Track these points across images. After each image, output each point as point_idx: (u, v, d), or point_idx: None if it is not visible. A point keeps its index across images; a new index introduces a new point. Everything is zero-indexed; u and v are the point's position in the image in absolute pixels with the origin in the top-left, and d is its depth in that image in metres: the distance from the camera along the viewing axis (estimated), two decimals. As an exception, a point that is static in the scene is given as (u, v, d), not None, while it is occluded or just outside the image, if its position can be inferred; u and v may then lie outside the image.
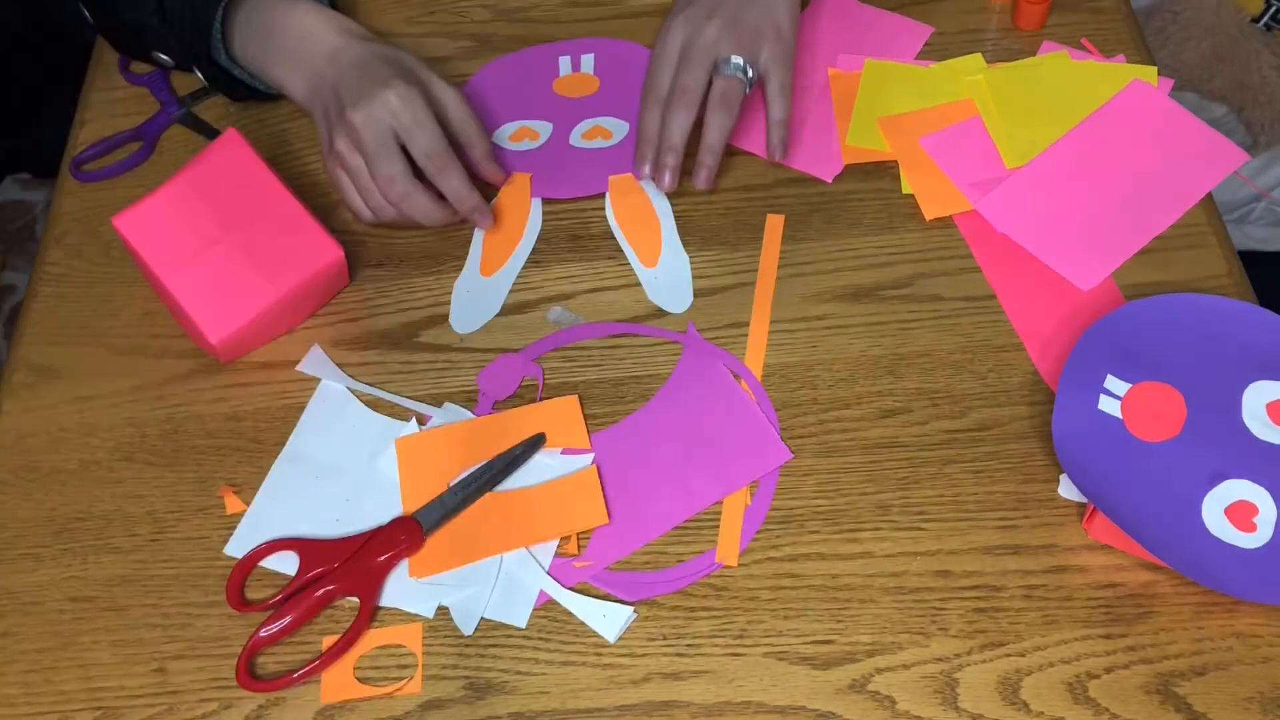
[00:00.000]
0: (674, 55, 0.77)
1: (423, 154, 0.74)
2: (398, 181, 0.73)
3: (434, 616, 0.64)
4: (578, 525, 0.66)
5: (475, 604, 0.64)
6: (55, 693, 0.64)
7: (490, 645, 0.63)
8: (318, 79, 0.76)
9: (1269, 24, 1.53)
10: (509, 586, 0.65)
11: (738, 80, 0.76)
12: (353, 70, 0.74)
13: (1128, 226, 0.76)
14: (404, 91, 0.72)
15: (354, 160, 0.74)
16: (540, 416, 0.70)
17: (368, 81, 0.73)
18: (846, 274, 0.76)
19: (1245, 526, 0.61)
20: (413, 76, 0.75)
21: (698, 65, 0.76)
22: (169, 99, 0.89)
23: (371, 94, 0.72)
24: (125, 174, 0.86)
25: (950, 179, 0.79)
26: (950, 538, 0.65)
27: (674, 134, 0.76)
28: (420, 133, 0.73)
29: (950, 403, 0.70)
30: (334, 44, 0.76)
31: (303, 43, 0.76)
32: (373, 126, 0.72)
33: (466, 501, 0.67)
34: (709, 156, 0.76)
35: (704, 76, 0.76)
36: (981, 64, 0.84)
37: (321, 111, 0.76)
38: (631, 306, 0.76)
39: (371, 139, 0.72)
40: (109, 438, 0.73)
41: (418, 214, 0.75)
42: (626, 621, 0.63)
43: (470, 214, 0.77)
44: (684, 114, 0.76)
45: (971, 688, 0.60)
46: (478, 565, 0.65)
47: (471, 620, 0.64)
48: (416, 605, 0.65)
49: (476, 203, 0.76)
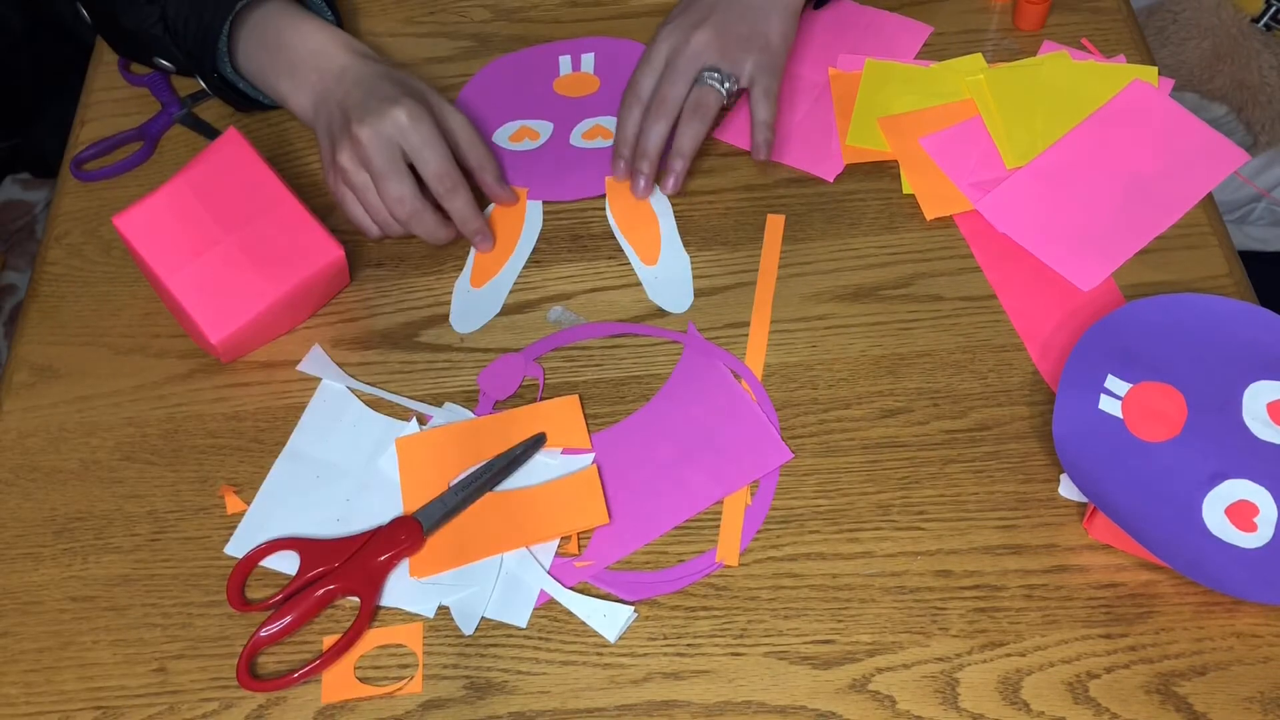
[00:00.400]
0: (660, 62, 0.78)
1: (433, 175, 0.74)
2: (406, 201, 0.73)
3: (435, 616, 0.64)
4: (578, 525, 0.66)
5: (476, 604, 0.64)
6: (55, 692, 0.64)
7: (491, 645, 0.63)
8: (324, 94, 0.76)
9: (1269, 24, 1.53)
10: (509, 586, 0.65)
11: (715, 90, 0.77)
12: (360, 88, 0.74)
13: (1128, 226, 0.76)
14: (413, 110, 0.72)
15: (359, 177, 0.74)
16: (541, 416, 0.70)
17: (375, 99, 0.73)
18: (847, 274, 0.76)
19: (1246, 526, 0.61)
20: (421, 97, 0.75)
21: (681, 75, 0.77)
22: (170, 99, 0.89)
23: (380, 110, 0.72)
24: (126, 174, 0.86)
25: (951, 179, 0.79)
26: (951, 537, 0.65)
27: (649, 142, 0.77)
28: (430, 153, 0.73)
29: (951, 403, 0.70)
30: (342, 62, 0.76)
31: (311, 59, 0.76)
32: (380, 143, 0.72)
33: (467, 501, 0.67)
34: (678, 162, 0.78)
35: (685, 88, 0.77)
36: (982, 64, 0.84)
37: (325, 126, 0.76)
38: (632, 306, 0.76)
39: (379, 156, 0.72)
40: (109, 438, 0.73)
41: (423, 232, 0.75)
42: (627, 621, 0.63)
43: (473, 235, 0.77)
44: (662, 123, 0.77)
45: (972, 687, 0.60)
46: (478, 565, 0.65)
47: (472, 620, 0.64)
48: (417, 605, 0.65)
49: (480, 225, 0.77)
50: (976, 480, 0.67)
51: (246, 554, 0.66)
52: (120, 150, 0.87)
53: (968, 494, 0.67)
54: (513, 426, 0.70)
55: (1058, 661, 0.61)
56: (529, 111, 0.86)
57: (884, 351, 0.72)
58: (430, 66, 0.90)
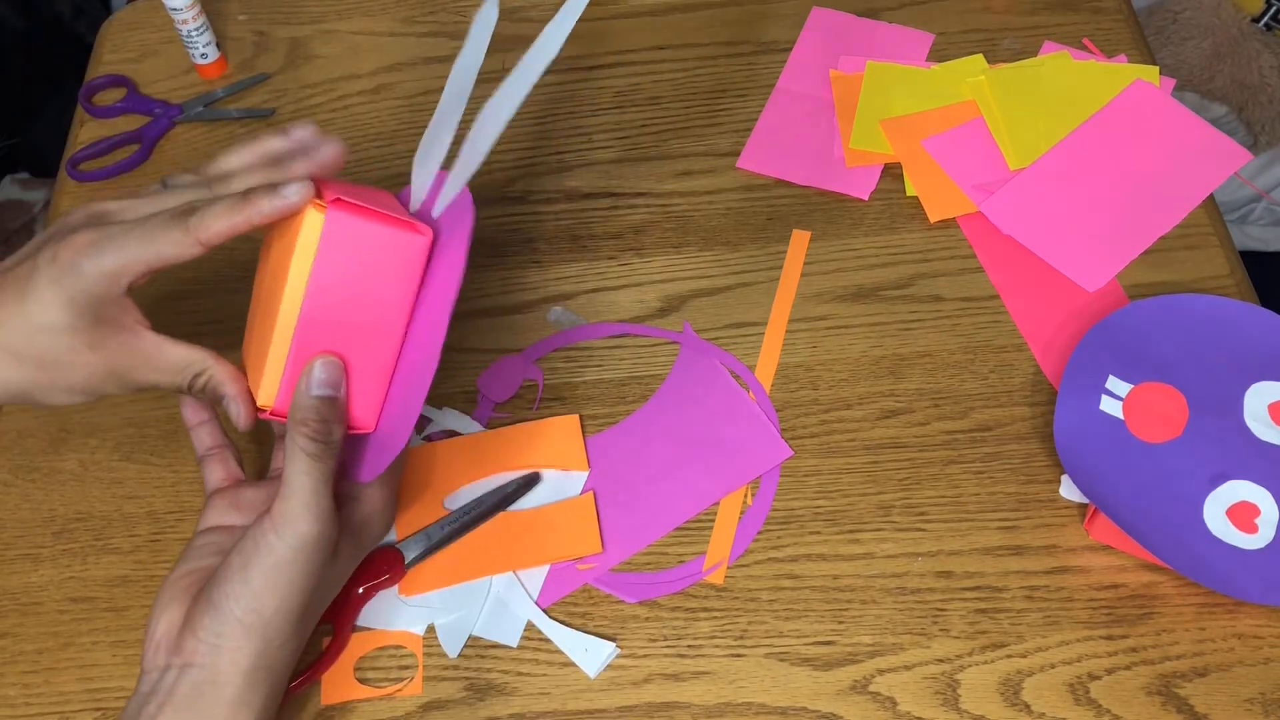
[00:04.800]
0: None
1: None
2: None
3: (424, 634, 0.64)
4: (571, 553, 0.65)
5: (463, 626, 0.63)
6: (55, 693, 0.64)
7: (491, 646, 0.63)
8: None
9: (1269, 24, 1.53)
10: (497, 609, 0.64)
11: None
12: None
13: (1132, 226, 0.76)
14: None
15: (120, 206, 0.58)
16: (539, 434, 0.70)
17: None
18: (848, 274, 0.76)
19: (1247, 527, 0.61)
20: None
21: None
22: (157, 107, 0.89)
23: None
24: (122, 175, 0.86)
25: (954, 181, 0.79)
26: (951, 538, 0.65)
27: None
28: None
29: (951, 403, 0.70)
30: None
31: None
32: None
33: (453, 537, 0.66)
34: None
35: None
36: (983, 65, 0.84)
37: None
38: (633, 307, 0.76)
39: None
40: (109, 438, 0.73)
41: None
42: (608, 657, 0.62)
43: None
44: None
45: (973, 689, 0.60)
46: (466, 586, 0.65)
47: (457, 643, 0.63)
48: (407, 624, 0.64)
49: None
50: (977, 481, 0.67)
51: None
52: (118, 151, 0.87)
53: (969, 495, 0.66)
54: (510, 444, 0.69)
55: (1059, 663, 0.61)
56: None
57: (885, 352, 0.72)
58: (430, 66, 0.90)
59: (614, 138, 0.85)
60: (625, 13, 0.92)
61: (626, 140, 0.85)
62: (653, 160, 0.83)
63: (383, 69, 0.90)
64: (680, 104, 0.86)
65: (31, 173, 1.66)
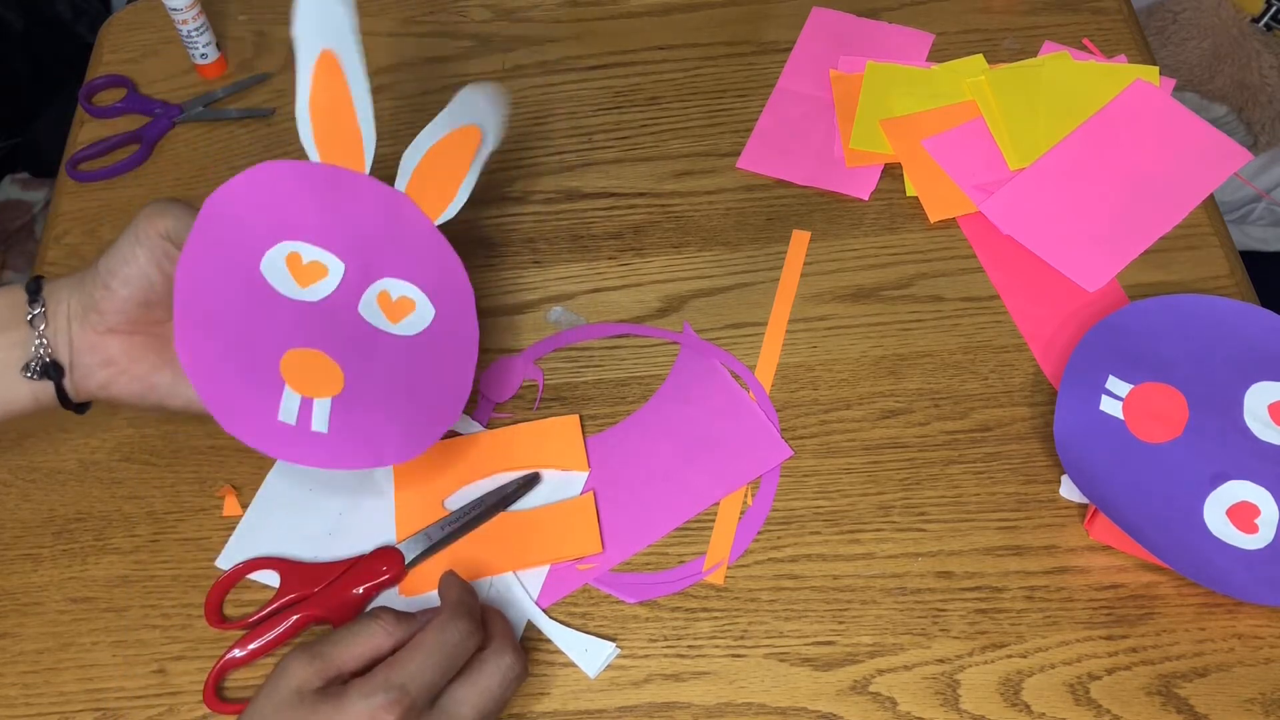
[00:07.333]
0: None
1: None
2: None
3: None
4: (571, 553, 0.65)
5: None
6: (55, 693, 0.64)
7: (491, 646, 0.63)
8: None
9: (1269, 24, 1.53)
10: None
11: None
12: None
13: (1133, 226, 0.76)
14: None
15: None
16: (539, 434, 0.70)
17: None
18: (848, 274, 0.76)
19: (1247, 528, 0.61)
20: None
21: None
22: (158, 107, 0.89)
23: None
24: (122, 175, 0.86)
25: (954, 181, 0.79)
26: (951, 539, 0.65)
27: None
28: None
29: (952, 403, 0.70)
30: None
31: None
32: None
33: (453, 537, 0.66)
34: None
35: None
36: (983, 65, 0.84)
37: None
38: (633, 307, 0.76)
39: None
40: (109, 438, 0.73)
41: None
42: (608, 657, 0.62)
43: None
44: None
45: (973, 689, 0.60)
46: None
47: None
48: None
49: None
50: (977, 481, 0.67)
51: (226, 573, 0.65)
52: (119, 151, 0.87)
53: (969, 495, 0.66)
54: (510, 444, 0.69)
55: (1059, 663, 0.61)
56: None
57: (885, 352, 0.72)
58: (430, 66, 0.90)
59: (614, 138, 0.85)
60: (625, 13, 0.92)
61: (626, 140, 0.85)
62: (653, 160, 0.83)
63: (383, 69, 0.90)
64: (680, 104, 0.86)
65: (31, 173, 1.66)
